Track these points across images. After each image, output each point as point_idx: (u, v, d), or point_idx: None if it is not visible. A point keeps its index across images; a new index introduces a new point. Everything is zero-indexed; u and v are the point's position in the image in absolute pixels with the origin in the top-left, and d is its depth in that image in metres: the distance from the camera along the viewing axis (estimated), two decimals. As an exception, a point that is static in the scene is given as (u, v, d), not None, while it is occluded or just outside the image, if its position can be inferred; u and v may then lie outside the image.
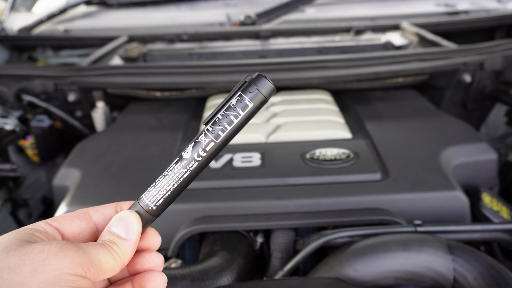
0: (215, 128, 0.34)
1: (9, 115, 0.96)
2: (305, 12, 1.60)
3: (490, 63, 1.02)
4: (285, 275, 0.59)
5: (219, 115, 0.35)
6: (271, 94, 0.35)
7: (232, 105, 0.34)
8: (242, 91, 0.34)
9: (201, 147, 0.35)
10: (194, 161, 0.35)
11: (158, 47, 1.38)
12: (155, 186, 0.36)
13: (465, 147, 0.79)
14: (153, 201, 0.36)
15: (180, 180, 0.35)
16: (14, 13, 1.67)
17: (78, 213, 0.36)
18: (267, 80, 0.34)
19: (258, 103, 0.35)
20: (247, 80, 0.35)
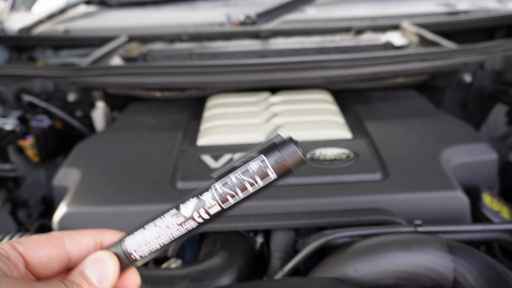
0: (224, 190, 0.29)
1: (9, 115, 0.96)
2: (305, 12, 1.60)
3: (490, 63, 1.01)
4: (285, 275, 0.59)
5: (233, 177, 0.29)
6: (299, 166, 0.29)
7: (251, 170, 0.29)
8: (266, 155, 0.29)
9: (203, 207, 0.30)
10: (194, 222, 0.30)
11: (158, 47, 1.38)
12: (144, 234, 0.31)
13: (465, 147, 0.79)
14: (138, 251, 0.31)
15: (172, 237, 0.31)
16: (14, 13, 1.67)
17: (51, 238, 0.32)
18: (298, 148, 0.29)
19: (281, 175, 0.29)
20: (276, 141, 0.29)
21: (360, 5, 1.63)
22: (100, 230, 0.34)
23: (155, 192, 0.69)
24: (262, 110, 0.94)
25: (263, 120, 0.89)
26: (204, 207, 0.30)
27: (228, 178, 0.30)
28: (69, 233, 0.33)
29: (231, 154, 0.77)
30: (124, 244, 0.32)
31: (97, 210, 0.67)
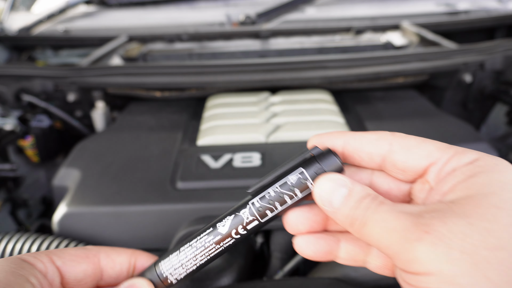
0: (263, 205, 0.29)
1: (8, 115, 0.96)
2: (305, 12, 1.60)
3: (490, 63, 1.01)
4: (285, 275, 0.59)
5: (271, 191, 0.29)
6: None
7: (290, 183, 0.29)
8: (305, 167, 0.29)
9: (241, 223, 0.30)
10: (231, 238, 0.30)
11: (158, 47, 1.38)
12: (179, 256, 0.30)
13: (465, 147, 0.79)
14: (174, 274, 0.31)
15: (209, 256, 0.30)
16: (13, 13, 1.67)
17: (87, 254, 0.30)
18: (337, 159, 0.29)
19: None
20: (314, 153, 0.29)
21: (360, 5, 1.64)
22: (135, 251, 0.33)
23: (155, 192, 0.68)
24: (262, 110, 0.94)
25: (263, 120, 0.89)
26: (242, 224, 0.30)
27: (266, 192, 0.29)
28: (105, 250, 0.32)
29: (231, 154, 0.77)
30: (159, 268, 0.31)
31: (97, 210, 0.67)
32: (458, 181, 0.26)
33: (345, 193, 0.28)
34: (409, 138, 0.30)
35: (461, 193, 0.25)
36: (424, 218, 0.24)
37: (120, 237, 0.66)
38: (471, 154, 0.28)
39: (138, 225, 0.66)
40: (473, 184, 0.25)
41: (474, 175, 0.26)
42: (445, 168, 0.28)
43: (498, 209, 0.23)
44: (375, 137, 0.31)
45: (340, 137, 0.31)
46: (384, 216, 0.25)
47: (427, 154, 0.29)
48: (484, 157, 0.27)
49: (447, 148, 0.29)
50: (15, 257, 0.28)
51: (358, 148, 0.30)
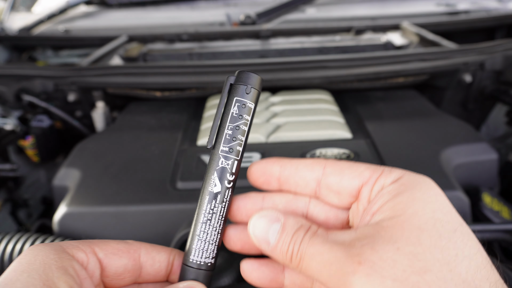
0: (229, 145, 0.31)
1: (9, 115, 0.96)
2: (305, 12, 1.60)
3: (490, 63, 1.01)
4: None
5: (227, 131, 0.31)
6: (261, 85, 0.32)
7: (236, 114, 0.31)
8: (238, 95, 0.31)
9: (227, 172, 0.31)
10: (227, 190, 0.31)
11: (158, 47, 1.38)
12: (200, 238, 0.31)
13: (465, 147, 0.79)
14: (209, 255, 0.31)
15: (223, 218, 0.31)
16: (14, 13, 1.67)
17: (129, 248, 0.30)
18: (252, 73, 0.32)
19: (256, 101, 0.32)
20: (233, 82, 0.32)
21: (360, 5, 1.64)
22: (173, 250, 0.33)
23: (155, 192, 0.68)
24: (262, 110, 0.94)
25: (263, 120, 0.89)
26: (227, 172, 0.31)
27: (224, 134, 0.31)
28: (146, 246, 0.31)
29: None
30: (193, 263, 0.31)
31: (97, 210, 0.67)
32: (384, 201, 0.27)
33: (279, 229, 0.28)
34: (342, 162, 0.31)
35: (387, 213, 0.26)
36: (356, 247, 0.24)
37: (120, 237, 0.66)
38: (396, 173, 0.29)
39: (138, 225, 0.66)
40: (397, 204, 0.26)
41: (398, 194, 0.27)
42: (374, 187, 0.29)
43: (421, 231, 0.24)
44: (310, 162, 0.32)
45: (277, 163, 0.32)
46: (319, 248, 0.26)
47: (358, 174, 0.30)
48: (407, 175, 0.28)
49: (377, 168, 0.30)
50: (56, 245, 0.27)
51: (293, 173, 0.32)
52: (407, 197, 0.26)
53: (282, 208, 0.33)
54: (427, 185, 0.27)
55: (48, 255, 0.26)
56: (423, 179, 0.28)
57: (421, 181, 0.28)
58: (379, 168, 0.30)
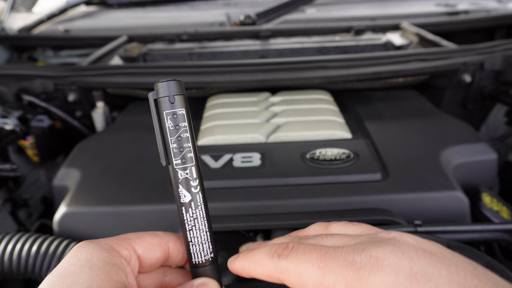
0: (182, 155, 0.32)
1: (9, 115, 0.96)
2: (305, 12, 1.60)
3: (490, 63, 1.02)
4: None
5: (172, 144, 0.32)
6: (183, 86, 0.32)
7: (172, 126, 0.32)
8: (165, 109, 0.32)
9: (190, 180, 0.33)
10: (197, 194, 0.33)
11: (158, 47, 1.38)
12: (193, 243, 0.33)
13: (465, 147, 0.79)
14: (207, 252, 0.34)
15: (205, 217, 0.33)
16: (14, 13, 1.68)
17: (160, 242, 0.33)
18: (170, 81, 0.32)
19: (186, 104, 0.33)
20: (156, 97, 0.32)
21: (360, 5, 1.64)
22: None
23: (155, 192, 0.69)
24: (262, 110, 0.94)
25: (263, 120, 0.89)
26: (189, 179, 0.33)
27: (170, 149, 0.32)
28: (173, 238, 0.34)
29: (231, 154, 0.77)
30: (198, 265, 0.34)
31: (97, 210, 0.67)
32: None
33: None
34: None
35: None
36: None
37: (120, 237, 0.66)
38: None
39: (138, 225, 0.66)
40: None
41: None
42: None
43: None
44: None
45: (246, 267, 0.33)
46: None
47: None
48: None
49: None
50: (104, 243, 0.30)
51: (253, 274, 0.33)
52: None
53: None
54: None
55: (102, 253, 0.29)
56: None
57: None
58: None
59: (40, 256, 0.60)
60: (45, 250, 0.61)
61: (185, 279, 0.35)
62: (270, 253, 0.29)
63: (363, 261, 0.24)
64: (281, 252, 0.28)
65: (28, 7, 1.75)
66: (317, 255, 0.26)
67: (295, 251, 0.28)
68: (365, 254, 0.25)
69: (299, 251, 0.28)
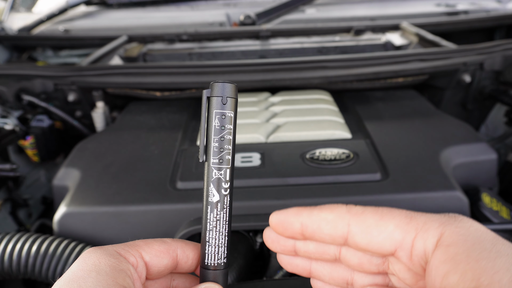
0: (219, 156, 0.33)
1: (9, 115, 0.96)
2: (305, 12, 1.60)
3: (489, 63, 1.02)
4: (285, 275, 0.59)
5: (214, 143, 0.33)
6: (236, 91, 0.33)
7: (218, 126, 0.33)
8: (216, 108, 0.33)
9: (222, 181, 0.33)
10: (225, 197, 0.34)
11: (158, 47, 1.38)
12: (210, 244, 0.34)
13: (465, 147, 0.79)
14: (221, 256, 0.34)
15: (227, 222, 0.34)
16: (14, 13, 1.68)
17: (168, 249, 0.33)
18: (226, 82, 0.33)
19: (235, 108, 0.33)
20: (209, 95, 0.33)
21: (360, 5, 1.64)
22: (199, 245, 0.35)
23: (155, 192, 0.69)
24: (262, 110, 0.94)
25: (263, 120, 0.90)
26: (222, 181, 0.33)
27: (211, 147, 0.33)
28: (181, 245, 0.34)
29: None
30: (210, 266, 0.34)
31: (97, 210, 0.67)
32: (446, 271, 0.24)
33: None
34: (366, 216, 0.30)
35: (462, 283, 0.23)
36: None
37: (120, 237, 0.66)
38: (433, 231, 0.26)
39: (138, 225, 0.66)
40: (470, 272, 0.23)
41: (455, 257, 0.24)
42: (414, 253, 0.27)
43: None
44: (332, 218, 0.31)
45: (296, 218, 0.31)
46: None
47: (388, 237, 0.28)
48: (448, 229, 0.26)
49: (407, 225, 0.27)
50: (111, 249, 0.30)
51: (317, 231, 0.31)
52: (468, 258, 0.24)
53: (313, 248, 0.32)
54: (472, 226, 0.25)
55: (109, 258, 0.29)
56: (464, 223, 0.26)
57: (464, 226, 0.26)
58: (410, 226, 0.27)
59: (40, 256, 0.60)
60: (45, 250, 0.61)
61: (192, 284, 0.35)
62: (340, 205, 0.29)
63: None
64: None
65: (28, 7, 1.76)
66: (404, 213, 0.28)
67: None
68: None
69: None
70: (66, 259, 0.60)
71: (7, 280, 0.73)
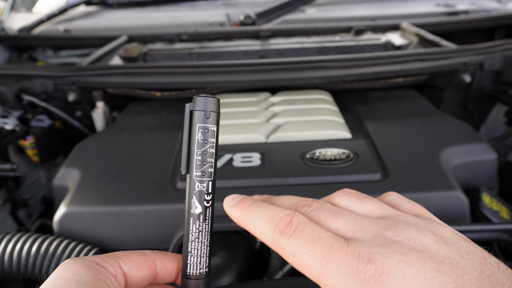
0: (201, 170, 0.33)
1: (9, 115, 0.96)
2: (305, 12, 1.60)
3: (489, 63, 1.02)
4: (285, 275, 0.59)
5: (196, 156, 0.33)
6: (219, 105, 0.34)
7: (201, 140, 0.33)
8: (199, 122, 0.33)
9: (204, 193, 0.34)
10: (207, 208, 0.34)
11: (158, 47, 1.38)
12: (192, 254, 0.34)
13: (465, 147, 0.79)
14: (203, 266, 0.34)
15: (209, 232, 0.34)
16: (14, 13, 1.68)
17: (147, 260, 0.33)
18: (208, 97, 0.33)
19: (218, 122, 0.34)
20: (192, 109, 0.33)
21: (360, 5, 1.64)
22: (178, 256, 0.36)
23: (155, 192, 0.69)
24: (262, 110, 0.94)
25: (263, 120, 0.90)
26: (204, 193, 0.34)
27: (194, 161, 0.33)
28: (160, 256, 0.34)
29: (231, 154, 0.77)
30: (192, 276, 0.34)
31: (97, 210, 0.67)
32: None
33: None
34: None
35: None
36: None
37: (120, 237, 0.66)
38: None
39: (138, 225, 0.66)
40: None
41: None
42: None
43: None
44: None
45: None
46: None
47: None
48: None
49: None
50: (89, 259, 0.31)
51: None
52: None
53: None
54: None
55: (89, 268, 0.29)
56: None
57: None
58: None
59: (40, 256, 0.61)
60: (45, 250, 0.61)
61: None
62: (272, 224, 0.28)
63: (367, 274, 0.24)
64: (284, 229, 0.27)
65: (28, 7, 1.76)
66: (321, 249, 0.25)
67: (299, 234, 0.26)
68: (370, 266, 0.24)
69: (303, 235, 0.26)
70: (66, 259, 0.60)
71: (7, 280, 0.73)
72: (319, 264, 0.25)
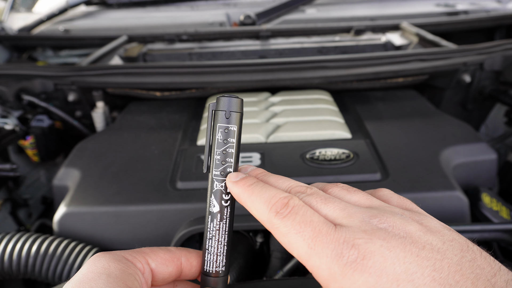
0: (220, 169, 0.34)
1: (9, 115, 0.96)
2: (305, 12, 1.60)
3: (489, 63, 1.02)
4: (285, 275, 0.59)
5: (217, 156, 0.34)
6: (242, 106, 0.34)
7: (221, 139, 0.34)
8: (219, 122, 0.34)
9: (222, 193, 0.34)
10: (225, 208, 0.34)
11: (158, 47, 1.38)
12: (210, 252, 0.35)
13: (464, 147, 0.79)
14: (219, 264, 0.35)
15: (226, 232, 0.35)
16: (14, 13, 1.68)
17: (173, 257, 0.34)
18: (232, 97, 0.34)
19: (239, 122, 0.34)
20: (215, 109, 0.34)
21: (360, 5, 1.64)
22: (200, 252, 0.37)
23: (155, 192, 0.69)
24: (262, 110, 0.94)
25: (263, 120, 0.90)
26: (222, 192, 0.34)
27: (214, 160, 0.34)
28: (185, 253, 0.35)
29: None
30: (209, 274, 0.35)
31: (97, 210, 0.67)
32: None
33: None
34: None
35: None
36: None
37: (120, 237, 0.66)
38: None
39: (138, 225, 0.66)
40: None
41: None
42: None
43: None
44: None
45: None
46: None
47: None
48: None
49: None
50: (119, 254, 0.31)
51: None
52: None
53: None
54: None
55: (118, 262, 0.30)
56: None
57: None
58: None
59: (40, 256, 0.61)
60: (45, 250, 0.61)
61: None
62: (270, 204, 0.29)
63: (350, 257, 0.25)
64: (279, 209, 0.28)
65: (28, 7, 1.76)
66: (311, 232, 0.27)
67: (293, 216, 0.28)
68: (353, 251, 0.25)
69: (296, 217, 0.28)
70: (66, 259, 0.60)
71: (7, 280, 0.73)
72: (307, 246, 0.26)
